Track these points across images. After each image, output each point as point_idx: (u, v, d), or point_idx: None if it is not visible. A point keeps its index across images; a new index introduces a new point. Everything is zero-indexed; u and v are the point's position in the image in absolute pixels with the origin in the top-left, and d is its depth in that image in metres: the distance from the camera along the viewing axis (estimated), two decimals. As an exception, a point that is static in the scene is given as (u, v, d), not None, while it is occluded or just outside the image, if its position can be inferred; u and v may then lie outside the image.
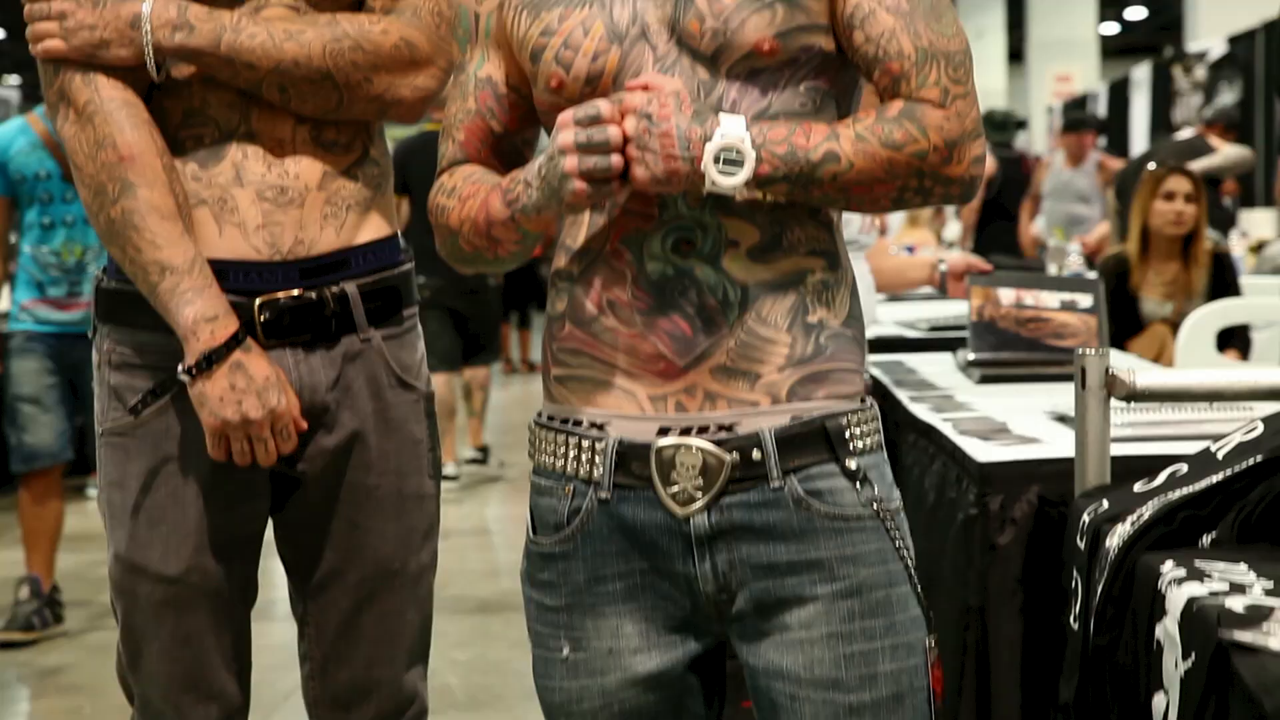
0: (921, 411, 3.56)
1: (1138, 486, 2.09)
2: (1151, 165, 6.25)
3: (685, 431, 2.00)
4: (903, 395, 3.85)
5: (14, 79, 14.81)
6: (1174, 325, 5.68)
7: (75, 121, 2.19)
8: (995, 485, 2.80)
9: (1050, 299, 4.23)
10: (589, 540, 2.03)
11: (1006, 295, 4.25)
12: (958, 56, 2.02)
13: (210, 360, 2.16)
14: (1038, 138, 18.77)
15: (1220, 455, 2.05)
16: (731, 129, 1.94)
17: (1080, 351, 2.24)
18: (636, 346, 2.02)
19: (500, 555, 7.00)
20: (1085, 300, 4.20)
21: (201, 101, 2.24)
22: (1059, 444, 2.94)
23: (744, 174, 1.93)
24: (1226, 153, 7.57)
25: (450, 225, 2.09)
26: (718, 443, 1.99)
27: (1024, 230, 11.22)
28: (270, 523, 2.36)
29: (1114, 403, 2.35)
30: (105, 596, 2.39)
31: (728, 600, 2.01)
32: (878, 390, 4.10)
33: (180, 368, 2.18)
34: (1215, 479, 1.95)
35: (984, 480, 2.81)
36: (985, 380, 4.04)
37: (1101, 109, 16.03)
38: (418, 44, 2.27)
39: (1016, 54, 22.66)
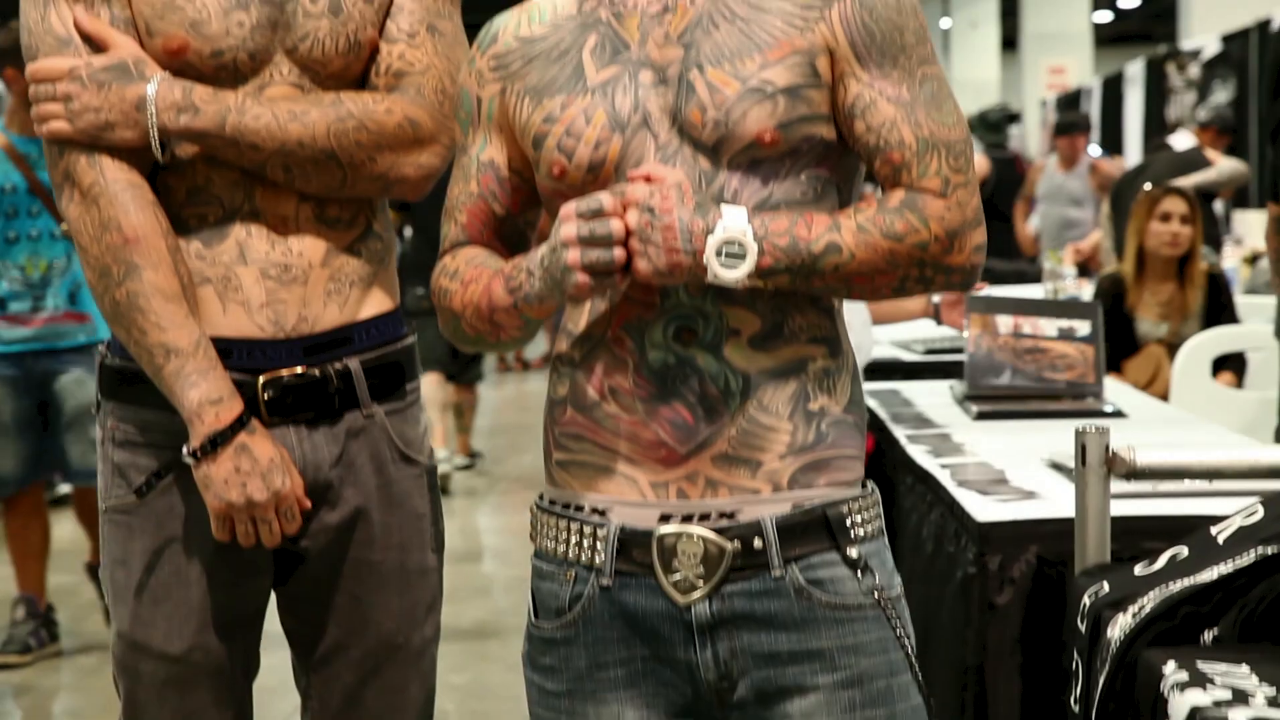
0: (919, 454, 3.58)
1: (1138, 569, 2.11)
2: (1148, 185, 6.25)
3: (687, 519, 2.02)
4: (900, 433, 3.87)
5: None
6: (1169, 346, 5.70)
7: (80, 203, 2.20)
8: (994, 545, 2.81)
9: (1048, 326, 4.24)
10: (590, 626, 2.05)
11: (1004, 323, 4.27)
12: (958, 145, 2.03)
13: (215, 443, 2.17)
14: (1031, 131, 18.77)
15: (1221, 540, 2.06)
16: (733, 221, 1.95)
17: (1079, 429, 2.26)
18: (638, 433, 2.03)
19: (495, 571, 7.00)
20: (1084, 327, 4.21)
21: (206, 179, 2.25)
22: (1058, 500, 2.95)
23: (746, 267, 1.94)
24: (1221, 167, 7.59)
25: (453, 308, 2.10)
26: (719, 530, 2.01)
27: (1021, 231, 11.23)
28: (273, 594, 2.37)
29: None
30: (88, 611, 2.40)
31: (729, 688, 2.03)
32: (874, 424, 4.12)
33: (185, 450, 2.19)
34: (1216, 574, 1.97)
35: (983, 539, 2.82)
36: (982, 416, 4.07)
37: (1095, 105, 16.03)
38: (422, 122, 2.28)
39: (1010, 42, 22.65)
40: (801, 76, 2.00)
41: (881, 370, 5.12)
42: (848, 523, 2.04)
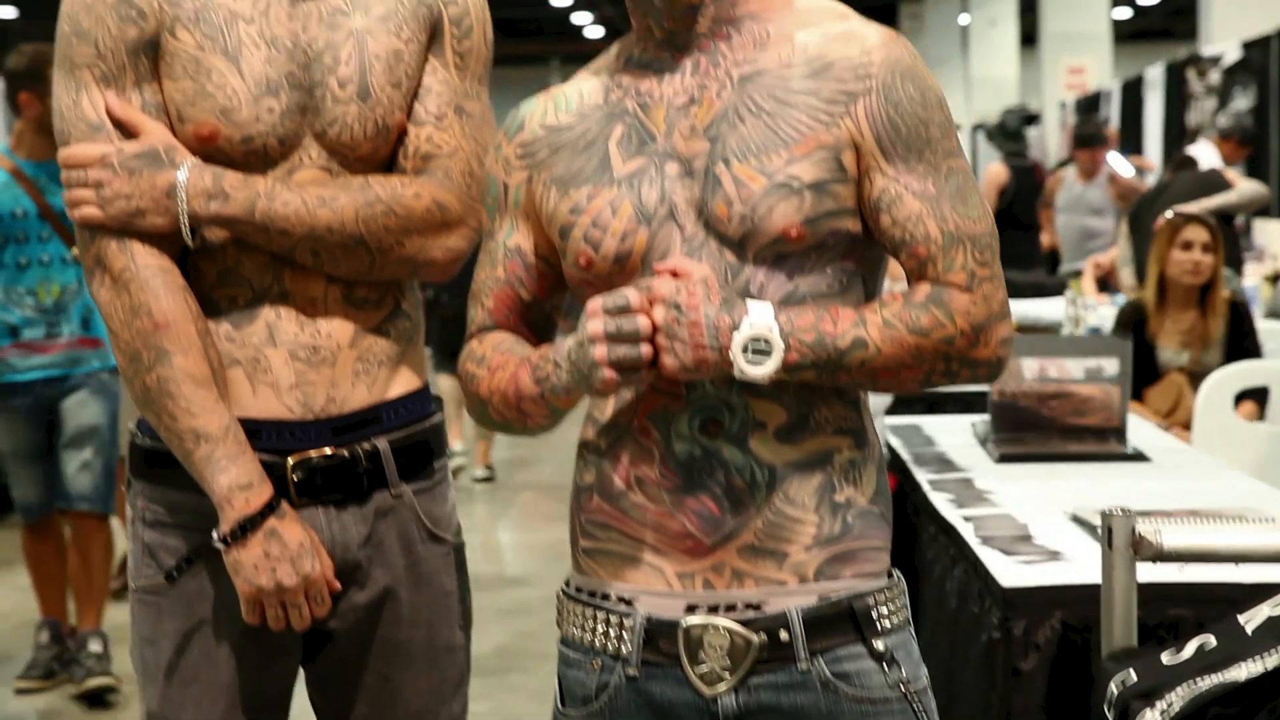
0: (942, 503, 3.59)
1: (1165, 658, 2.11)
2: (1169, 213, 6.23)
3: (713, 610, 2.03)
4: (922, 477, 3.88)
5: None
6: (1191, 374, 5.70)
7: (111, 288, 2.21)
8: (1019, 610, 2.83)
9: (1075, 368, 4.23)
10: (617, 716, 2.06)
11: (1030, 367, 4.27)
12: (984, 239, 2.04)
13: (245, 529, 2.18)
14: (1050, 133, 18.74)
15: (1249, 629, 2.06)
16: (759, 318, 1.96)
17: (1105, 511, 2.26)
18: (664, 524, 2.04)
19: (518, 594, 7.00)
20: (1111, 366, 4.20)
21: (235, 262, 2.26)
22: (1082, 562, 2.96)
23: (772, 363, 1.95)
24: (1242, 190, 7.57)
25: (480, 394, 2.12)
26: (745, 622, 2.02)
27: (1051, 240, 11.21)
28: (301, 669, 2.39)
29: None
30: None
31: (755, 779, 2.04)
32: (896, 465, 4.13)
33: (215, 535, 2.20)
34: (1245, 673, 1.97)
35: (1007, 604, 2.83)
36: (1005, 459, 4.07)
37: (1115, 108, 15.99)
38: (449, 206, 2.29)
39: (1029, 38, 22.59)
40: (827, 172, 2.01)
41: (904, 400, 5.13)
42: (874, 615, 2.05)
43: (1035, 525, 3.30)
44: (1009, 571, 2.93)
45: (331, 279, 2.27)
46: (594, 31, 31.78)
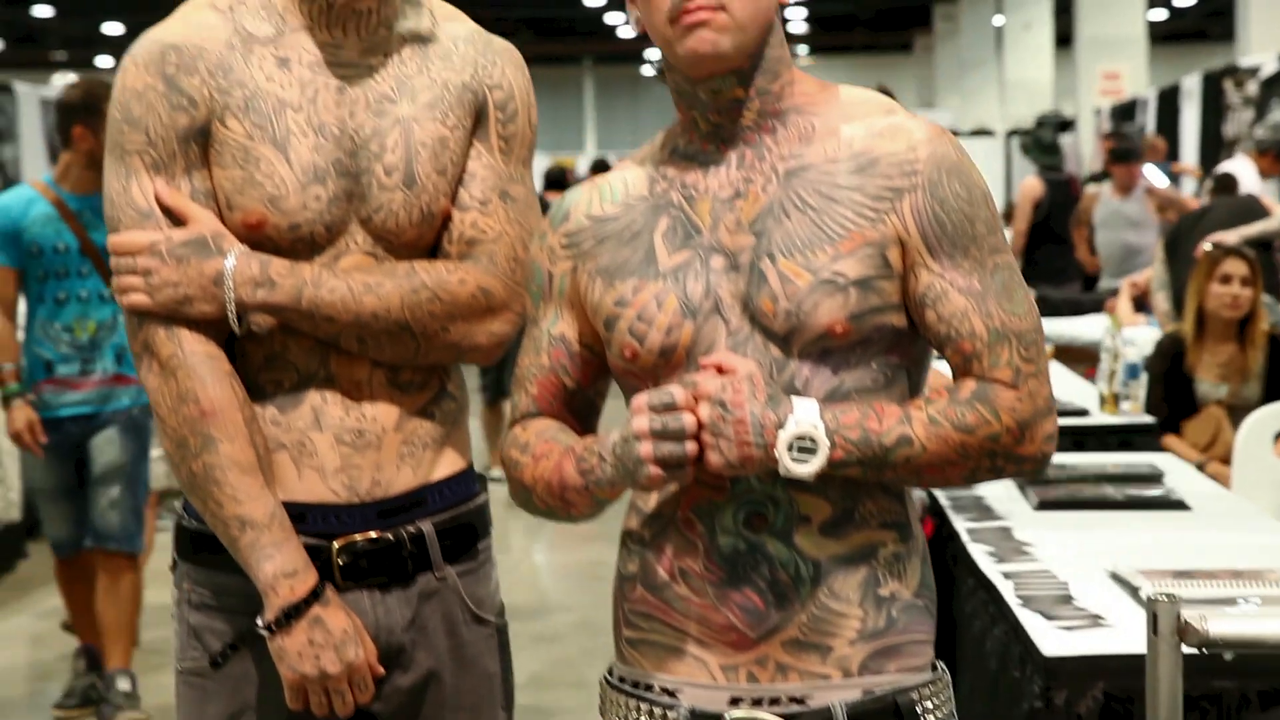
0: (980, 556, 3.58)
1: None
2: (1207, 244, 6.21)
3: (757, 703, 2.03)
4: (960, 525, 3.87)
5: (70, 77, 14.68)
6: (1229, 407, 5.68)
7: (159, 374, 2.22)
8: (1061, 679, 2.82)
9: (1114, 492, 4.21)
10: (660, 806, 2.07)
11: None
12: (1029, 335, 2.04)
13: (289, 616, 2.19)
14: (1085, 139, 18.68)
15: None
16: (805, 415, 1.96)
17: (1151, 597, 2.26)
18: (709, 616, 2.05)
19: (552, 620, 6.94)
20: (1147, 493, 4.18)
21: (282, 346, 2.27)
22: (1124, 628, 2.96)
23: (818, 462, 1.96)
24: (1280, 216, 7.55)
25: (524, 481, 2.13)
26: (789, 716, 2.02)
27: (1085, 258, 11.17)
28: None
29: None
30: None
31: None
32: (933, 509, 4.13)
33: (259, 622, 2.21)
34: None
35: (1049, 673, 2.83)
36: (1043, 506, 4.07)
37: (1150, 117, 15.93)
38: (494, 291, 2.30)
39: (1065, 39, 22.50)
40: (873, 268, 2.01)
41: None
42: (918, 709, 2.05)
43: (1075, 584, 3.30)
44: (1050, 638, 2.93)
45: (377, 363, 2.28)
46: (627, 32, 31.78)
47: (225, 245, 2.22)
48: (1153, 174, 10.77)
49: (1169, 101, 15.54)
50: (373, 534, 2.28)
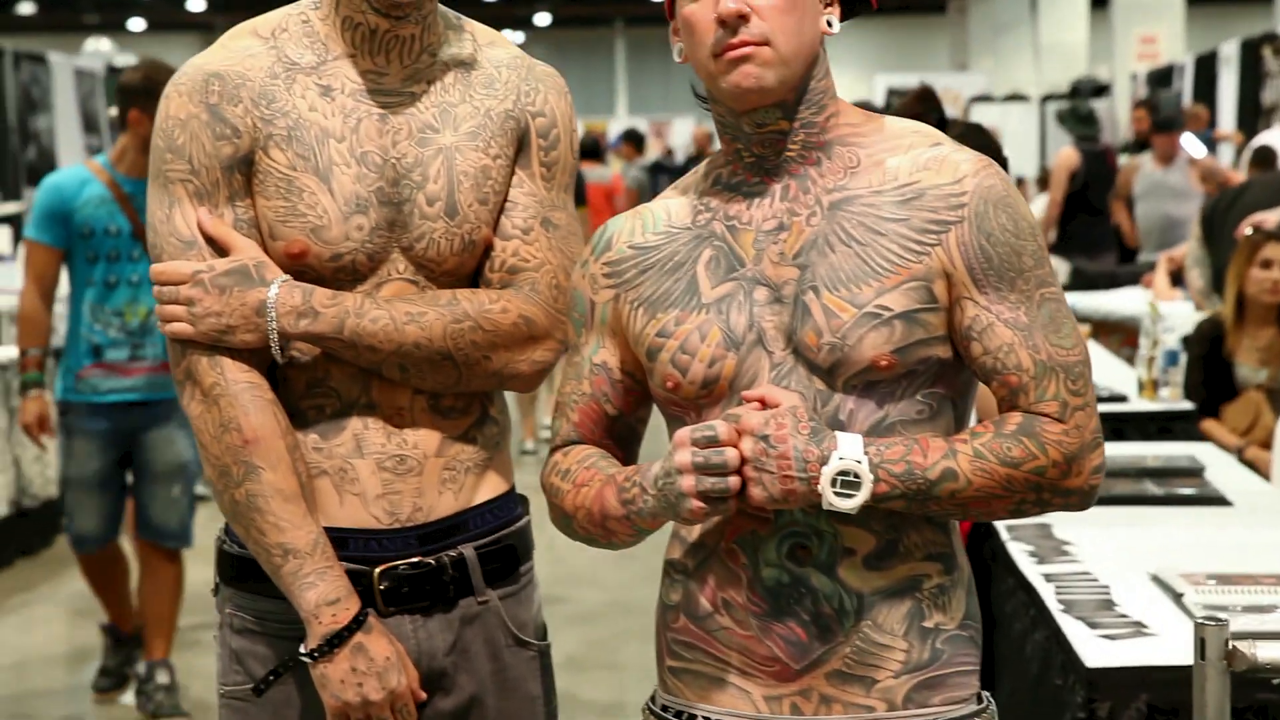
0: (1020, 555, 3.57)
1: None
2: (1248, 227, 6.17)
3: (800, 734, 2.03)
4: (999, 522, 3.85)
5: (105, 44, 14.62)
6: (1269, 391, 5.65)
7: (201, 402, 2.23)
8: (1104, 690, 2.82)
9: (1154, 488, 4.18)
10: (703, 837, 2.08)
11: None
12: (1077, 368, 2.03)
13: (332, 644, 2.20)
14: (1120, 104, 18.55)
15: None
16: (849, 450, 1.96)
17: (1199, 621, 2.26)
18: (752, 648, 2.05)
19: (585, 599, 6.92)
20: (1188, 488, 4.16)
21: (324, 372, 2.27)
22: (1167, 635, 2.96)
23: (861, 497, 1.95)
24: (1321, 193, 7.47)
25: (564, 508, 2.13)
26: (833, 748, 2.02)
27: (1126, 230, 11.13)
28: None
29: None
30: None
31: None
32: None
33: (302, 649, 2.22)
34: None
35: (1092, 685, 2.83)
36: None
37: (1187, 83, 15.80)
38: (536, 320, 2.29)
39: (1100, 1, 22.29)
40: (918, 301, 2.00)
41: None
42: (963, 742, 2.05)
43: (1117, 588, 3.29)
44: (1093, 647, 2.92)
45: (418, 389, 2.28)
46: (659, -7, 31.62)
47: (268, 275, 2.22)
48: (1190, 144, 10.69)
49: (1206, 68, 15.42)
50: (414, 559, 2.29)
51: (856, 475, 1.95)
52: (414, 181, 2.25)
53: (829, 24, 2.07)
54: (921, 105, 3.69)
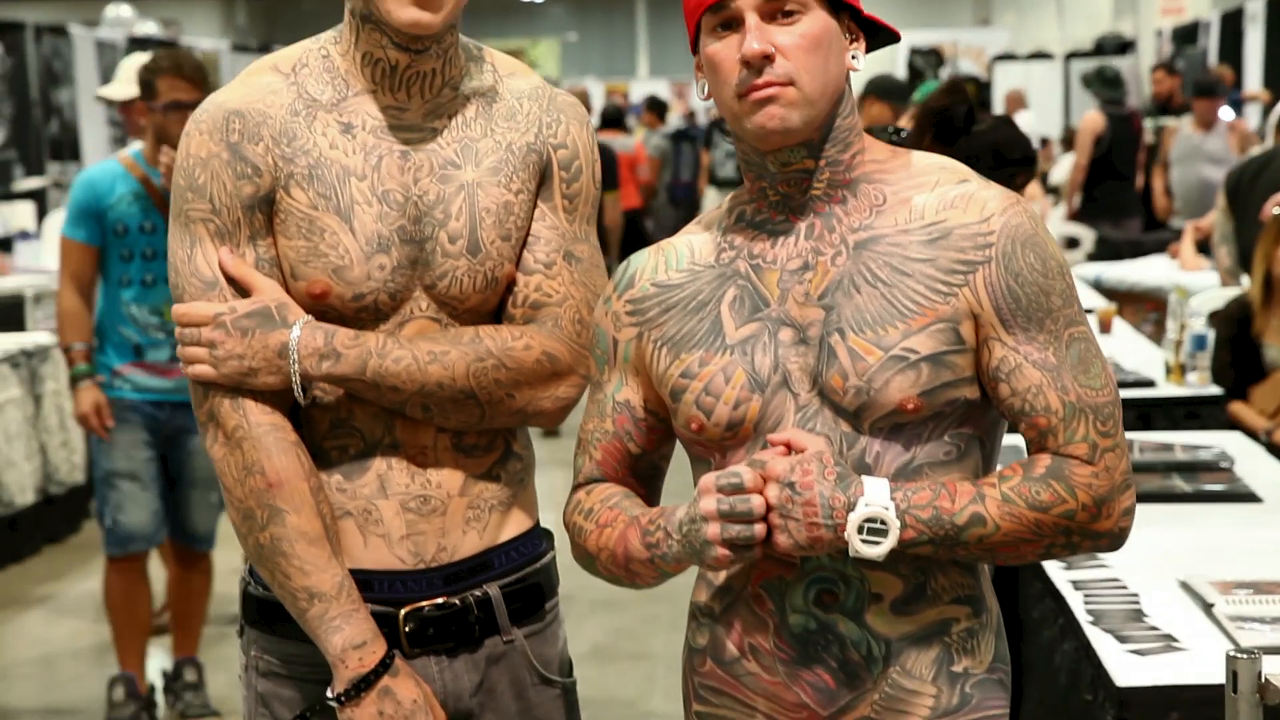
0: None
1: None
2: (1276, 207, 6.11)
3: (830, 780, 2.02)
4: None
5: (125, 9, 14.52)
6: (1297, 373, 5.61)
7: (224, 445, 2.21)
8: (1134, 710, 2.80)
9: (1183, 484, 4.14)
10: None
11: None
12: (1106, 409, 2.00)
13: (359, 688, 2.18)
14: (1145, 60, 18.43)
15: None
16: (875, 497, 1.94)
17: (1231, 653, 2.23)
18: (779, 694, 2.04)
19: (610, 586, 6.94)
20: (1217, 484, 4.12)
21: (348, 412, 2.25)
22: (1197, 649, 2.93)
23: (888, 544, 1.94)
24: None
25: (587, 548, 2.12)
26: (863, 795, 2.01)
27: (1158, 196, 11.07)
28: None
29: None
30: None
31: None
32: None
33: (329, 693, 2.20)
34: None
35: (1123, 704, 2.81)
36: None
37: (1213, 41, 15.70)
38: (560, 356, 2.27)
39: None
40: (945, 343, 1.98)
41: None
42: (994, 786, 2.04)
43: (1146, 597, 3.26)
44: (1123, 664, 2.90)
45: (442, 428, 2.26)
46: (680, -48, 31.43)
47: (290, 316, 2.20)
48: (1224, 114, 10.62)
49: (1232, 24, 15.30)
50: (439, 600, 2.27)
51: (883, 522, 1.93)
52: (436, 219, 2.23)
53: (854, 59, 2.04)
54: (950, 98, 3.66)
